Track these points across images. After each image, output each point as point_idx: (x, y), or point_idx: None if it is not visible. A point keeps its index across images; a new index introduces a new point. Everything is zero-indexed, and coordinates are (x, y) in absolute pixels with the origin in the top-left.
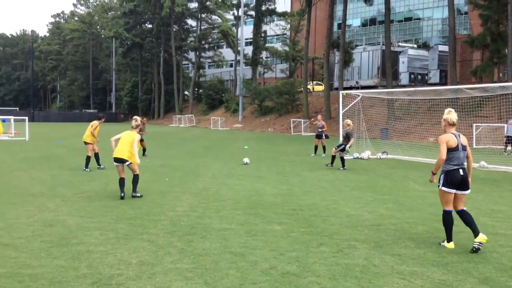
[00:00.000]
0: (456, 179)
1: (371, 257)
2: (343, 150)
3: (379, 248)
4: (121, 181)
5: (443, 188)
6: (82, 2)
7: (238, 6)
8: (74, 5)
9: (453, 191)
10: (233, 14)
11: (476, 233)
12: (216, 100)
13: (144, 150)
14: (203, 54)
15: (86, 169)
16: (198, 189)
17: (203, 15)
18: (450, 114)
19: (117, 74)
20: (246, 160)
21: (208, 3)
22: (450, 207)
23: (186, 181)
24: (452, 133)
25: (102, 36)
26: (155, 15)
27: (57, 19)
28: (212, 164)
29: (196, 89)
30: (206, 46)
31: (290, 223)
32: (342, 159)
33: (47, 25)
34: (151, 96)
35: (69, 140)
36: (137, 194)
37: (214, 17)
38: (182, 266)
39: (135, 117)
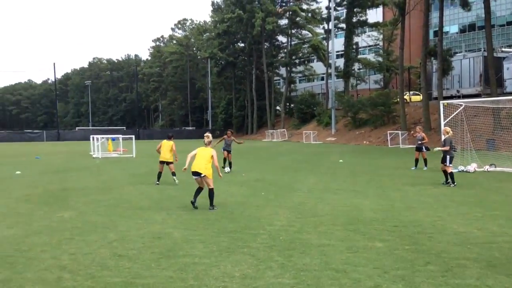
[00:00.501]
0: None
1: (484, 277)
2: (451, 161)
3: (492, 267)
4: (198, 190)
5: None
6: (179, 26)
7: (328, 20)
8: (172, 29)
9: None
10: (323, 28)
11: None
12: (307, 114)
13: (230, 163)
14: (294, 69)
15: (176, 181)
16: (294, 204)
17: (293, 31)
18: None
19: (213, 93)
20: (227, 169)
21: (298, 19)
22: None
23: (282, 196)
24: None
25: (198, 57)
26: (247, 34)
27: (157, 43)
28: (307, 179)
29: (288, 103)
30: (297, 61)
31: (393, 240)
32: (447, 174)
33: (148, 49)
34: (244, 112)
35: None
36: (214, 208)
37: (304, 32)
38: (284, 281)
39: (207, 134)
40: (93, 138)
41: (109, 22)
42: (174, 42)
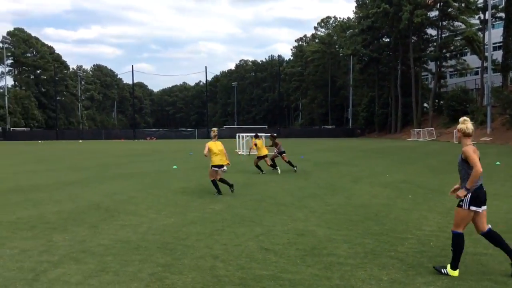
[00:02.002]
0: (483, 196)
1: None
2: None
3: None
4: (214, 182)
5: (473, 208)
6: (322, 24)
7: (484, 9)
8: (315, 28)
9: (481, 209)
10: (479, 18)
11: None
12: (459, 111)
13: (289, 163)
14: (444, 64)
15: (277, 169)
16: (445, 208)
17: (444, 23)
18: (466, 123)
19: (354, 90)
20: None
21: (450, 9)
22: (463, 229)
23: (431, 199)
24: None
25: (341, 54)
26: (392, 28)
27: (300, 43)
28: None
29: (437, 100)
30: (448, 54)
31: None
32: None
33: (291, 49)
34: (387, 110)
35: (311, 155)
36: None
37: (456, 23)
38: None
39: (213, 129)
40: (238, 136)
41: (254, 25)
42: (317, 41)
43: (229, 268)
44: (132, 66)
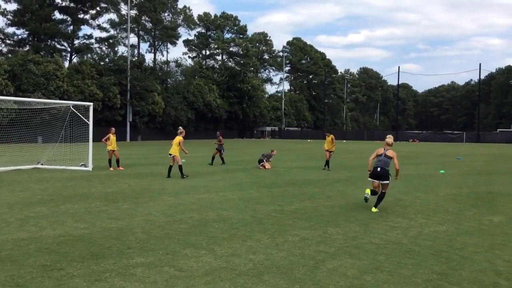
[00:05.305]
0: (375, 173)
1: None
2: None
3: None
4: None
5: (369, 179)
6: None
7: None
8: None
9: (373, 180)
10: None
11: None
12: None
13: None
14: None
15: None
16: None
17: None
18: (387, 139)
19: None
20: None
21: None
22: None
23: None
24: (384, 148)
25: None
26: None
27: None
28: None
29: None
30: None
31: None
32: None
33: None
34: None
35: None
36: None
37: None
38: None
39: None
40: None
41: None
42: None
43: None
44: (399, 67)
